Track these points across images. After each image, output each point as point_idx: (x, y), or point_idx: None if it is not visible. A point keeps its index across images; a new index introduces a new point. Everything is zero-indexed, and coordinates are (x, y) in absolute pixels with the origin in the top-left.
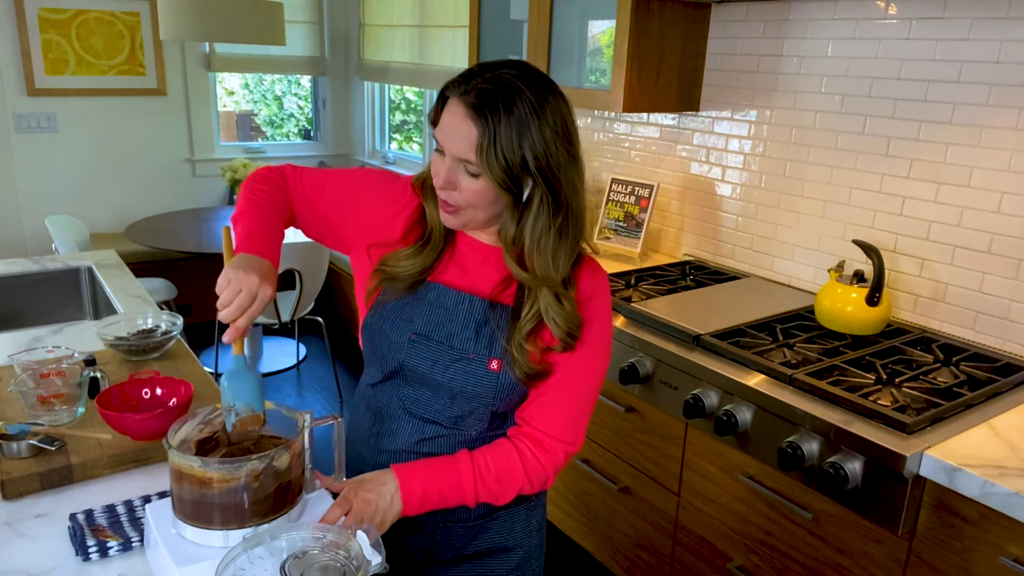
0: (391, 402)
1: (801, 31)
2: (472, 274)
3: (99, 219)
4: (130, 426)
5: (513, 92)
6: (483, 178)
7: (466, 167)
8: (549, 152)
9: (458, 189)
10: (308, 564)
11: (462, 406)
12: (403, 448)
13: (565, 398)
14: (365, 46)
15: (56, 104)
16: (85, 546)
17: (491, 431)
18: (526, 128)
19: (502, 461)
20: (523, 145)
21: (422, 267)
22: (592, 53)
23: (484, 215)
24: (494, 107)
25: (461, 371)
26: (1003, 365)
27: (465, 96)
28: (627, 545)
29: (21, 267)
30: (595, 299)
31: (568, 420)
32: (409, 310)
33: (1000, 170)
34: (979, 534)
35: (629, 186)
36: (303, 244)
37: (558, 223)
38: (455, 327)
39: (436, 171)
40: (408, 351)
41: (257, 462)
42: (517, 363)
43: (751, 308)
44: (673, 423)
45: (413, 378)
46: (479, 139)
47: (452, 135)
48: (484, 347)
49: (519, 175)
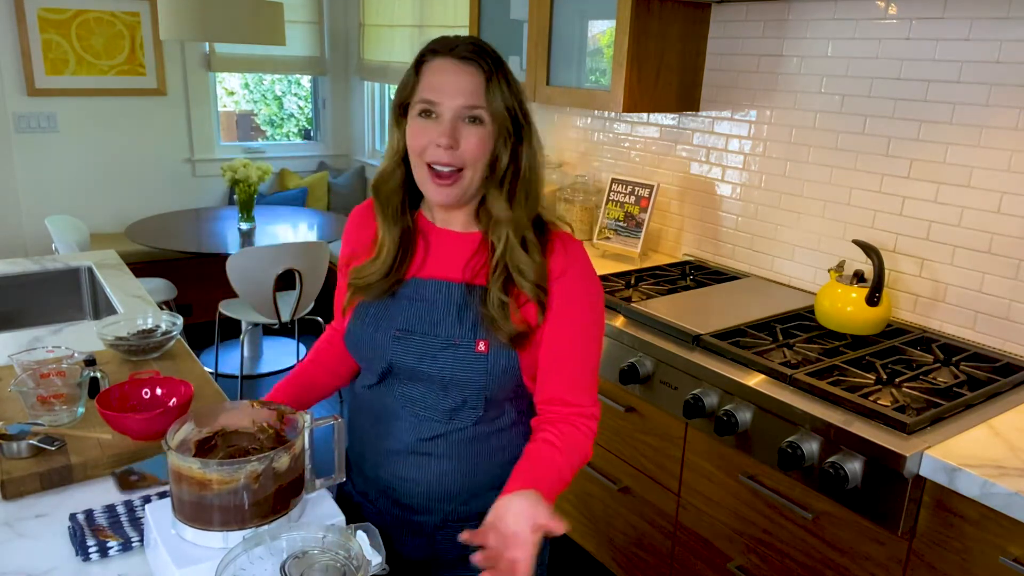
0: (388, 402)
1: (801, 31)
2: (446, 263)
3: (99, 219)
4: (130, 426)
5: (487, 45)
6: (484, 125)
7: (468, 116)
8: (521, 94)
9: (459, 146)
10: (308, 564)
11: (455, 396)
12: (404, 448)
13: (580, 372)
14: (365, 46)
15: (56, 104)
16: (85, 546)
17: (488, 422)
18: (507, 74)
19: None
20: (511, 86)
21: (387, 269)
22: (592, 53)
23: (480, 174)
24: (486, 54)
25: (449, 358)
26: (1003, 365)
27: (454, 51)
28: (627, 545)
29: (21, 267)
30: (575, 270)
31: (588, 390)
32: (390, 309)
33: (1000, 170)
34: (979, 534)
35: (629, 186)
36: (303, 244)
37: (536, 160)
38: (436, 315)
39: (430, 136)
40: (394, 348)
41: (257, 463)
42: (498, 326)
43: (751, 308)
44: (673, 423)
45: (404, 375)
46: (484, 80)
47: (452, 86)
48: (468, 330)
49: (513, 114)
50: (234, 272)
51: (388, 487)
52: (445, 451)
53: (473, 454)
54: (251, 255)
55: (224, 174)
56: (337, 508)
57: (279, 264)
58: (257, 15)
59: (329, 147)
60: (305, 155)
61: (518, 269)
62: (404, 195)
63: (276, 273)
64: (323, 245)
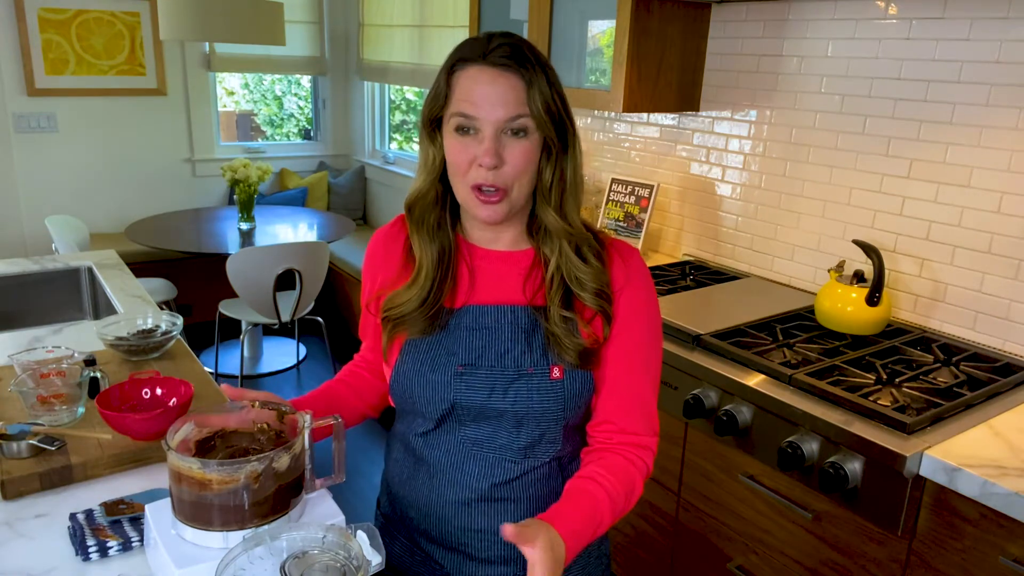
0: (450, 448)
1: (801, 31)
2: (502, 285)
3: (99, 219)
4: (130, 426)
5: (524, 44)
6: (529, 136)
7: (511, 128)
8: (564, 97)
9: (506, 162)
10: (308, 564)
11: (531, 430)
12: (475, 496)
13: (639, 395)
14: (365, 46)
15: (56, 104)
16: (85, 546)
17: (566, 454)
18: (549, 76)
19: (621, 474)
20: (553, 88)
21: (424, 295)
22: (592, 53)
23: (528, 188)
24: (524, 57)
25: (523, 389)
26: (1003, 365)
27: (489, 57)
28: (627, 545)
29: (21, 267)
30: (635, 285)
31: (649, 415)
32: (446, 343)
33: (1000, 170)
34: (979, 534)
35: (629, 186)
36: (303, 244)
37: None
38: (503, 344)
39: (472, 154)
40: (457, 387)
41: (257, 463)
42: (563, 344)
43: (751, 308)
44: (673, 423)
45: (469, 415)
46: (526, 88)
47: (490, 98)
48: (540, 356)
49: (558, 118)
50: (234, 272)
51: (461, 543)
52: (523, 493)
53: (553, 491)
54: (251, 255)
55: (224, 174)
56: (337, 508)
57: (279, 264)
58: (257, 15)
59: (329, 147)
60: (305, 155)
61: (576, 279)
62: (442, 212)
63: (276, 273)
64: (323, 245)
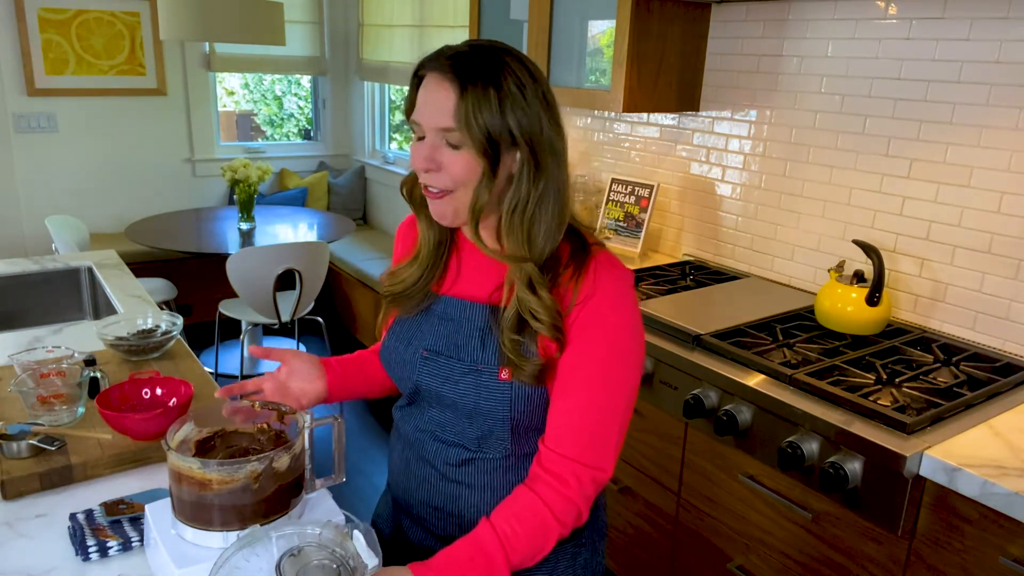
0: (417, 426)
1: (801, 31)
2: (476, 282)
3: (99, 219)
4: (130, 426)
5: (486, 51)
6: (464, 149)
7: (447, 139)
8: (529, 113)
9: (442, 168)
10: (303, 563)
11: (480, 425)
12: (434, 475)
13: (578, 414)
14: (365, 46)
15: (56, 104)
16: (85, 546)
17: (517, 452)
18: (502, 86)
19: (528, 517)
20: (503, 105)
21: (417, 276)
22: (592, 53)
23: (482, 195)
24: (467, 68)
25: (472, 385)
26: (1003, 365)
27: (438, 62)
28: (627, 545)
29: (21, 267)
30: (596, 298)
31: (585, 439)
32: (422, 327)
33: (1000, 170)
34: (979, 534)
35: (629, 186)
36: (303, 244)
37: (537, 195)
38: (461, 338)
39: (416, 157)
40: (421, 369)
41: (257, 463)
42: (514, 364)
43: (751, 308)
44: (673, 423)
45: (430, 398)
46: (456, 101)
47: (430, 106)
48: (491, 356)
49: (498, 139)
50: (234, 272)
51: (421, 517)
52: (476, 480)
53: (508, 483)
54: (251, 255)
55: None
56: (337, 508)
57: (279, 264)
58: (257, 15)
59: (329, 147)
60: (305, 155)
61: (530, 313)
62: None
63: (276, 273)
64: (323, 245)
